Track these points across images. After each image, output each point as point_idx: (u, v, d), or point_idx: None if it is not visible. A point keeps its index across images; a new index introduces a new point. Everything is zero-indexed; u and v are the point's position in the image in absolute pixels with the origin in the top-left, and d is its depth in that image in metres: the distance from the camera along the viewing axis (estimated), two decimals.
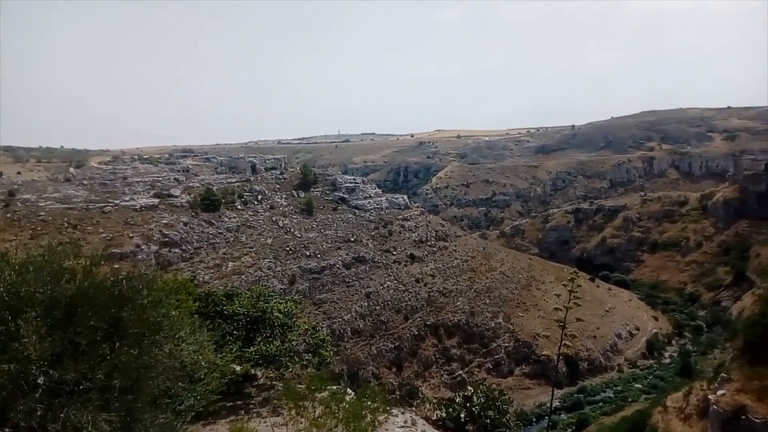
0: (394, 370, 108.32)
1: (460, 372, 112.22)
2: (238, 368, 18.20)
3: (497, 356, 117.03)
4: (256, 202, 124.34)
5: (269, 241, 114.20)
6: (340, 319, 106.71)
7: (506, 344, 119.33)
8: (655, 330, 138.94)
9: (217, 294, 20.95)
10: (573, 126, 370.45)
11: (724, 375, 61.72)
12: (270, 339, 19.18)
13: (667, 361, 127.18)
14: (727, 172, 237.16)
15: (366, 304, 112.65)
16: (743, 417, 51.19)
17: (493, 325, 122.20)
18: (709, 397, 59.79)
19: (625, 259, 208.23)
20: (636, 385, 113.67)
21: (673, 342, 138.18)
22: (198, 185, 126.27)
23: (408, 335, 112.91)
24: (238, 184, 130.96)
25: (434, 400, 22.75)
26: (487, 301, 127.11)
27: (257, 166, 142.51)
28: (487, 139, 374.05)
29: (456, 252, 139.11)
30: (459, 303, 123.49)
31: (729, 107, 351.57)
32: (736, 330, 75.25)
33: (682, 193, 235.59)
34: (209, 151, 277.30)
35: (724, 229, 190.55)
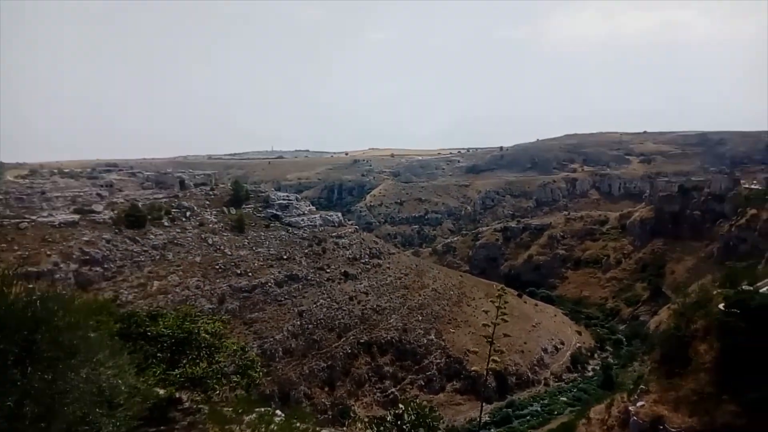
0: (326, 389, 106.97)
1: (393, 389, 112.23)
2: (161, 392, 17.50)
3: (429, 373, 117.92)
4: (184, 219, 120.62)
5: (198, 259, 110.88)
6: (272, 339, 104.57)
7: (438, 360, 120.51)
8: (578, 344, 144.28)
9: (140, 314, 20.13)
10: (501, 147, 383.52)
11: (643, 387, 64.87)
12: (196, 361, 18.59)
13: (590, 374, 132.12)
14: (643, 193, 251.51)
15: (298, 322, 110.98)
16: (661, 427, 53.93)
17: (426, 341, 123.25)
18: (630, 408, 62.60)
19: (551, 276, 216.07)
20: (561, 399, 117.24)
21: (596, 355, 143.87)
22: (122, 201, 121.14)
23: (341, 354, 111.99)
24: (165, 200, 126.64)
25: (366, 419, 22.69)
26: (420, 317, 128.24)
27: (186, 181, 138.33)
28: (420, 158, 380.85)
29: (389, 269, 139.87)
30: (392, 320, 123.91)
31: (645, 132, 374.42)
32: (653, 343, 79.43)
33: (602, 213, 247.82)
34: (135, 165, 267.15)
35: (641, 247, 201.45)
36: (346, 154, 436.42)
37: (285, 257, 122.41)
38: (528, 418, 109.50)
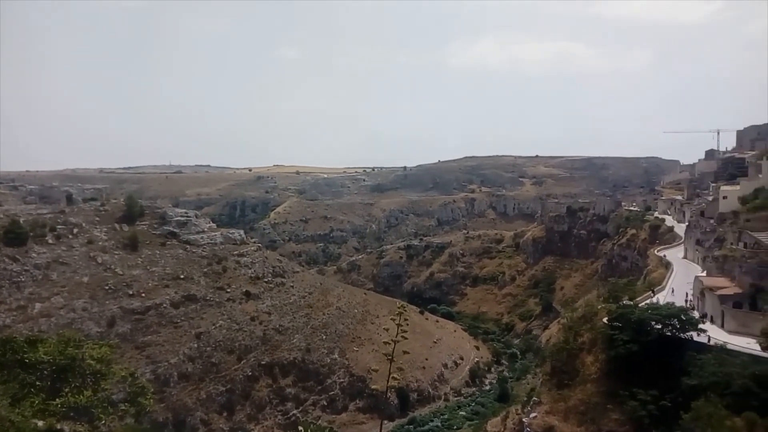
0: (225, 414, 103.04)
1: (295, 411, 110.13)
2: (40, 423, 16.17)
3: (332, 392, 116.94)
4: (71, 236, 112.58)
5: (85, 279, 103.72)
6: (166, 363, 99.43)
7: (341, 380, 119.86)
8: (477, 359, 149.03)
9: (17, 340, 18.53)
10: (405, 167, 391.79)
11: (536, 399, 68.04)
12: (80, 389, 17.35)
13: (488, 387, 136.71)
14: (535, 214, 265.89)
15: (196, 345, 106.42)
16: None
17: (329, 361, 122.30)
18: (523, 420, 65.39)
19: (451, 293, 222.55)
20: (461, 413, 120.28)
21: (493, 369, 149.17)
22: (1, 216, 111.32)
23: (241, 377, 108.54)
24: (50, 215, 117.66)
25: None
26: (324, 337, 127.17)
27: (74, 196, 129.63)
28: (325, 176, 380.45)
29: (293, 288, 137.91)
30: (295, 340, 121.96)
31: (537, 156, 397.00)
32: (544, 356, 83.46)
33: (498, 232, 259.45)
34: (17, 178, 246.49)
35: (533, 264, 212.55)
36: (250, 170, 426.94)
37: (182, 276, 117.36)
38: None
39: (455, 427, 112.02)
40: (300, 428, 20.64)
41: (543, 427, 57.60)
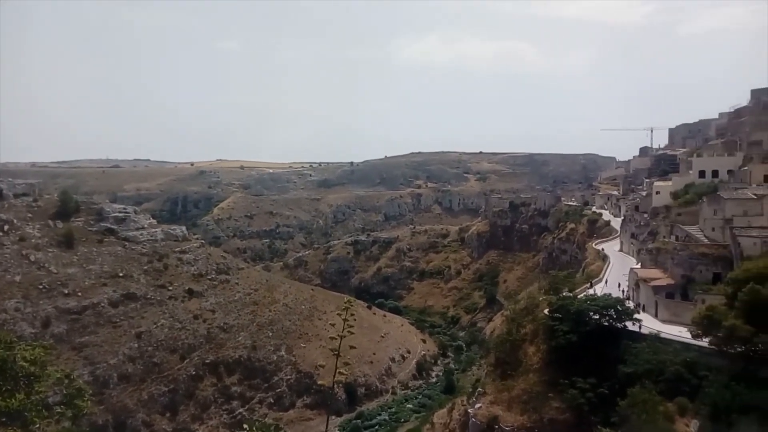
0: (168, 415, 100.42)
1: (241, 410, 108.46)
2: None
3: (279, 390, 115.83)
4: (1, 234, 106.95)
5: (17, 278, 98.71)
6: (105, 364, 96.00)
7: (288, 377, 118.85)
8: (423, 352, 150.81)
9: None
10: (352, 163, 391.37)
11: (480, 389, 69.53)
12: (12, 392, 16.54)
13: (434, 380, 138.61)
14: (479, 209, 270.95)
15: (136, 345, 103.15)
16: (496, 426, 58.03)
17: (276, 358, 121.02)
18: (469, 411, 66.72)
19: (398, 287, 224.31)
20: (408, 406, 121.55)
21: (439, 362, 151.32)
22: None
23: (184, 376, 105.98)
24: None
25: None
26: (270, 334, 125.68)
27: (4, 191, 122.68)
28: (271, 171, 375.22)
29: (238, 285, 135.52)
30: (240, 338, 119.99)
31: (481, 152, 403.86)
32: (488, 348, 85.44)
33: (444, 226, 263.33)
34: None
35: (478, 258, 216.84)
36: (192, 164, 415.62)
37: (121, 275, 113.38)
38: (376, 427, 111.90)
39: (403, 420, 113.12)
40: (245, 426, 20.34)
41: (487, 416, 58.95)
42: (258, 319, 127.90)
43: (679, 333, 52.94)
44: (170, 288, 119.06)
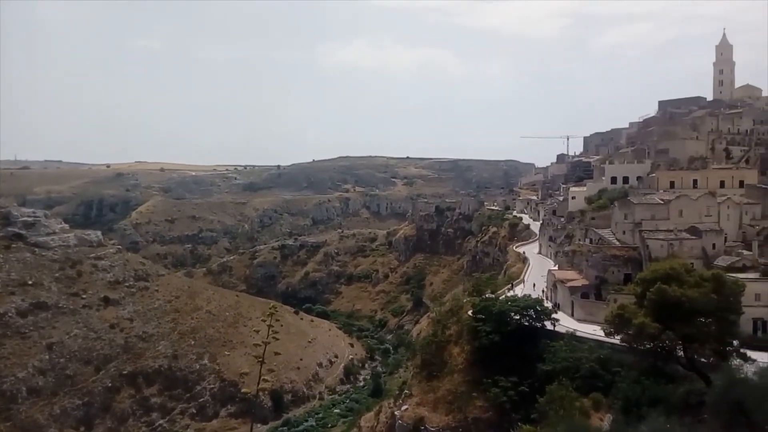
0: (82, 429, 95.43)
1: (162, 422, 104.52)
2: None
3: (202, 399, 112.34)
4: None
5: None
6: (13, 378, 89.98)
7: (212, 386, 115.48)
8: (351, 356, 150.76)
9: None
10: (278, 166, 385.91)
11: (407, 391, 70.31)
12: None
13: (362, 384, 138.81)
14: (407, 213, 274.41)
15: (47, 357, 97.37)
16: (422, 427, 58.88)
17: (198, 367, 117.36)
18: (395, 413, 67.30)
19: (326, 292, 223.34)
20: (335, 411, 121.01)
21: (367, 365, 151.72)
22: None
23: (100, 388, 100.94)
24: None
25: None
26: (192, 342, 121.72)
27: None
28: (193, 173, 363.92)
29: (158, 292, 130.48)
30: (161, 347, 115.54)
31: (408, 157, 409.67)
32: (415, 350, 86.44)
33: (372, 231, 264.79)
34: None
35: (405, 261, 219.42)
36: (108, 166, 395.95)
37: (30, 282, 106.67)
38: None
39: (330, 425, 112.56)
40: None
41: (413, 418, 59.70)
42: (179, 327, 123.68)
43: (594, 331, 55.60)
44: (84, 296, 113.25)
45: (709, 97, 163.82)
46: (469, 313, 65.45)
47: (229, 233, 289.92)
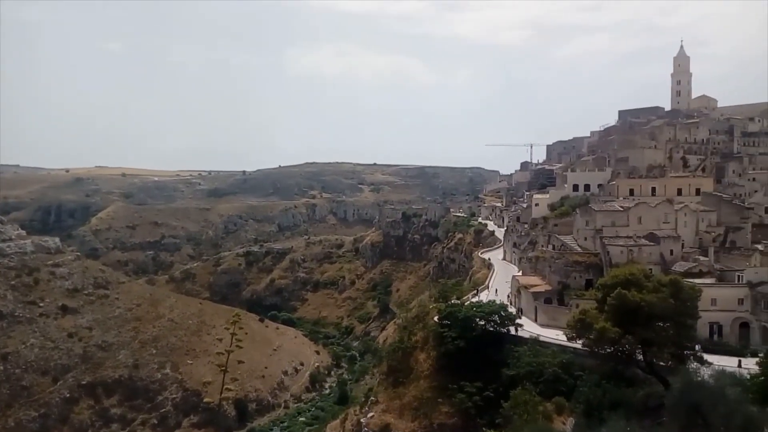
0: None
1: None
2: None
3: (164, 410, 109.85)
4: None
5: None
6: None
7: (173, 395, 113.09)
8: (317, 363, 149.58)
9: None
10: (244, 172, 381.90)
11: (373, 398, 70.16)
12: None
13: (328, 391, 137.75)
14: (373, 219, 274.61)
15: (2, 367, 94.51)
16: None
17: (160, 376, 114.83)
18: (361, 420, 67.04)
19: (292, 299, 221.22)
20: (301, 419, 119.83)
21: (333, 373, 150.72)
22: None
23: (57, 399, 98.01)
24: None
25: None
26: (154, 351, 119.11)
27: None
28: (156, 179, 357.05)
29: (119, 300, 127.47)
30: (121, 356, 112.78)
31: (375, 164, 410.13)
32: (381, 357, 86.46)
33: (339, 237, 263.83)
34: None
35: (372, 268, 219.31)
36: (67, 171, 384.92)
37: None
38: None
39: None
40: None
41: (379, 425, 59.60)
42: (140, 335, 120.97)
43: (557, 336, 56.57)
44: (41, 304, 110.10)
45: (668, 107, 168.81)
46: (435, 319, 65.80)
47: (192, 240, 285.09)
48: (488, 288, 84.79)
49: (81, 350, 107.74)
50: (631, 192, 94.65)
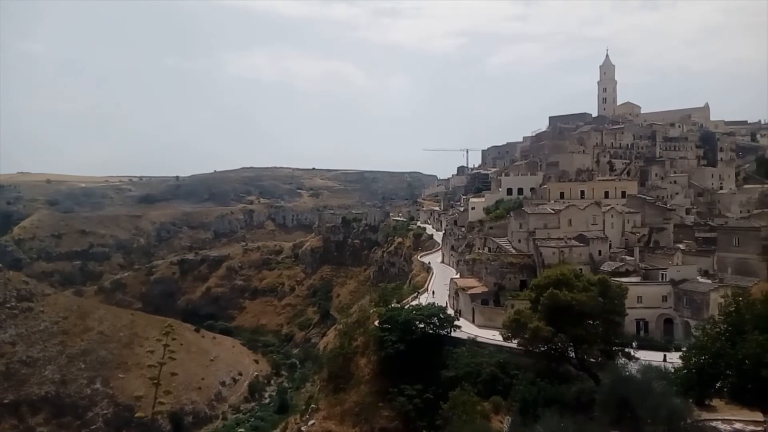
0: None
1: None
2: None
3: (94, 426, 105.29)
4: None
5: None
6: None
7: (105, 411, 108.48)
8: (256, 373, 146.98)
9: None
10: (177, 177, 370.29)
11: (314, 406, 69.51)
12: None
13: (267, 400, 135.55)
14: (313, 224, 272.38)
15: None
16: None
17: (90, 392, 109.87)
18: (302, 429, 66.23)
19: (229, 307, 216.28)
20: (239, 430, 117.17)
21: (273, 381, 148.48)
22: None
23: None
24: None
25: None
26: (83, 365, 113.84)
27: None
28: (83, 185, 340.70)
29: (44, 313, 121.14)
30: (47, 372, 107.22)
31: (314, 168, 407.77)
32: (321, 363, 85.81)
33: (278, 243, 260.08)
34: None
35: (312, 274, 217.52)
36: None
37: None
38: None
39: None
40: None
41: None
42: (68, 350, 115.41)
43: (493, 336, 57.78)
44: None
45: (595, 114, 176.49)
46: (376, 323, 65.93)
47: (123, 248, 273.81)
48: (428, 291, 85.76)
49: (3, 367, 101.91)
50: (562, 195, 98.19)
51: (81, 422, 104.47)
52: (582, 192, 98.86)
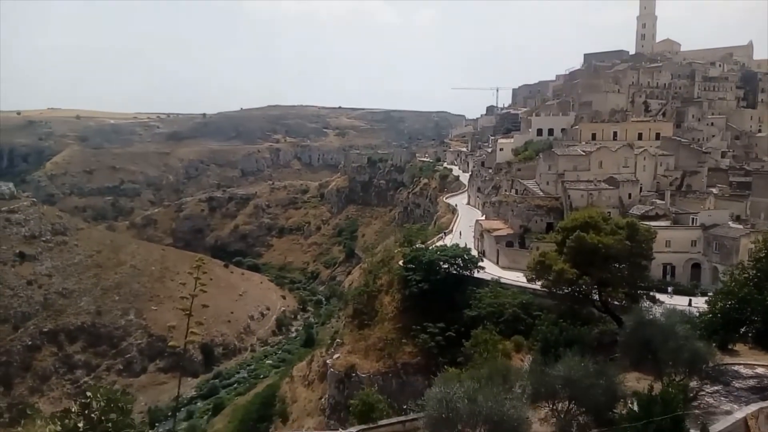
0: (1, 390, 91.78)
1: (87, 379, 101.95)
2: None
3: (129, 355, 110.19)
4: None
5: None
6: None
7: (138, 341, 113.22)
8: (283, 308, 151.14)
9: None
10: (204, 114, 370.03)
11: (339, 341, 71.51)
12: None
13: (294, 335, 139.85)
14: (339, 164, 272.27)
15: None
16: (353, 374, 60.27)
17: (124, 323, 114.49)
18: (327, 361, 68.39)
19: (257, 245, 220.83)
20: (267, 362, 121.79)
21: (299, 317, 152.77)
22: None
23: (19, 347, 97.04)
24: None
25: (47, 416, 20.09)
26: (117, 298, 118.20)
27: None
28: (112, 122, 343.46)
29: (78, 247, 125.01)
30: (83, 303, 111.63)
31: (340, 107, 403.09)
32: (347, 300, 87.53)
33: (304, 182, 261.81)
34: None
35: (337, 213, 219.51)
36: (18, 113, 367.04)
37: None
38: (235, 385, 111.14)
39: (262, 376, 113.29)
40: (88, 393, 19.07)
41: (345, 365, 60.93)
42: (102, 282, 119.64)
43: (517, 278, 57.97)
44: None
45: (632, 51, 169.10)
46: (400, 263, 66.47)
47: (152, 185, 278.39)
48: (453, 232, 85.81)
49: (41, 297, 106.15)
50: (594, 136, 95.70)
51: (116, 351, 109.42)
52: (615, 133, 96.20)
